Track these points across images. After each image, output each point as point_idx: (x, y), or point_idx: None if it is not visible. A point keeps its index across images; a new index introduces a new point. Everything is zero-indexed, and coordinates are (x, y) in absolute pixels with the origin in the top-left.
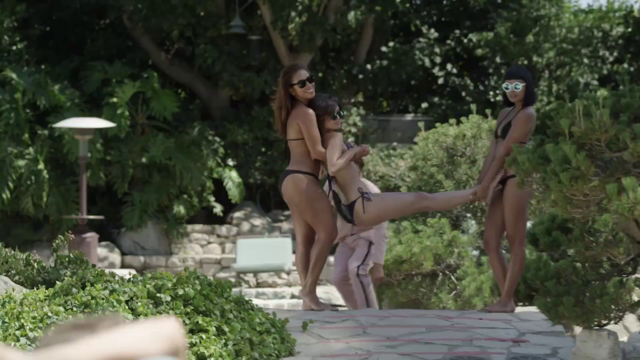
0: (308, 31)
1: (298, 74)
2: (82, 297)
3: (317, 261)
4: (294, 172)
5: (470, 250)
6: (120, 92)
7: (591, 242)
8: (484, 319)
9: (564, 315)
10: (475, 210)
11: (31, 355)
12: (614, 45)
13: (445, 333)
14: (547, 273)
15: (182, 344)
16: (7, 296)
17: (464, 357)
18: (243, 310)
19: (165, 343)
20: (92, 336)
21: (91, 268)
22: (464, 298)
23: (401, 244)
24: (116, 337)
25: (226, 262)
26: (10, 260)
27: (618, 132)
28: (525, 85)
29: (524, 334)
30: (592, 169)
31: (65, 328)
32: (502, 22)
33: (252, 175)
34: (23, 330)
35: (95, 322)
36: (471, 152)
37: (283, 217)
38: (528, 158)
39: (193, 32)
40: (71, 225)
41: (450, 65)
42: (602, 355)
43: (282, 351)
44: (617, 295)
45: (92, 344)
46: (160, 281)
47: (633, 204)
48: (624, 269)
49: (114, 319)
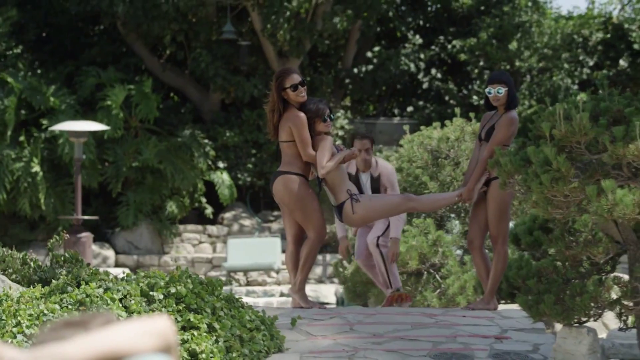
0: (297, 37)
1: (291, 78)
2: (77, 295)
3: (306, 260)
4: (284, 173)
5: (454, 249)
6: (114, 96)
7: (571, 242)
8: (467, 316)
9: (544, 312)
10: (459, 211)
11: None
12: (593, 50)
13: (429, 330)
14: (529, 272)
15: (174, 340)
16: (4, 294)
17: (448, 354)
18: (233, 308)
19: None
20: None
21: (86, 267)
22: (448, 296)
23: None
24: (110, 334)
25: (217, 261)
26: (7, 259)
27: (597, 135)
28: (508, 90)
29: (506, 331)
30: (572, 171)
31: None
32: (485, 28)
33: (242, 176)
34: (20, 327)
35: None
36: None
37: (272, 217)
38: (510, 160)
39: (185, 37)
40: (67, 225)
41: (435, 70)
42: (581, 351)
43: (271, 348)
44: (596, 293)
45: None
46: (153, 280)
47: (612, 205)
48: (603, 268)
49: (106, 317)
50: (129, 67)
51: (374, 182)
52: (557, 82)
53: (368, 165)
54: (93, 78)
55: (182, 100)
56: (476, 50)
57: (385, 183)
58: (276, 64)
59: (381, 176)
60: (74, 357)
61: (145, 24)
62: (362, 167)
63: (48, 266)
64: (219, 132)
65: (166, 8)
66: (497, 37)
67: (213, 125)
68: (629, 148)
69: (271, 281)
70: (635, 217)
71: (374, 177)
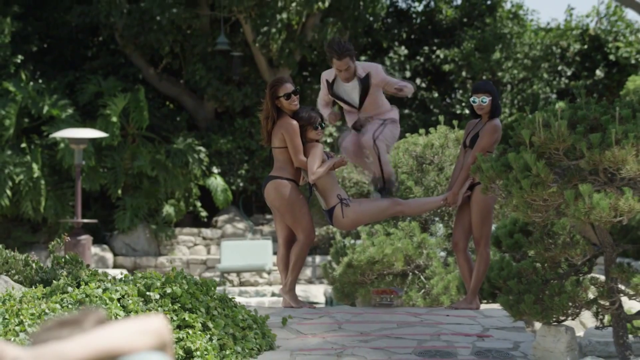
0: (287, 48)
1: (284, 87)
2: (77, 295)
3: (296, 261)
4: (276, 177)
5: (438, 251)
6: (113, 105)
7: (550, 244)
8: (450, 315)
9: (524, 312)
10: (443, 214)
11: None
12: (571, 61)
13: (414, 328)
14: (509, 273)
15: (169, 339)
16: (7, 294)
17: (432, 351)
18: (227, 308)
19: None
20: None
21: (85, 268)
22: (432, 296)
23: (374, 246)
24: (108, 333)
25: (211, 262)
26: (10, 260)
27: (575, 142)
28: (492, 99)
29: (487, 329)
30: (551, 176)
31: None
32: (467, 40)
33: (235, 182)
34: (22, 326)
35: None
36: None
37: (264, 221)
38: (492, 166)
39: (180, 48)
40: (67, 228)
41: (420, 80)
42: (560, 348)
43: (263, 345)
44: (574, 293)
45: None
46: (150, 280)
47: (589, 209)
48: (580, 269)
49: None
50: (127, 76)
51: (363, 82)
52: (537, 91)
53: (351, 76)
54: (93, 87)
55: (178, 108)
56: (459, 60)
57: (377, 81)
58: (267, 74)
59: (371, 76)
60: (74, 355)
61: (143, 36)
62: (344, 79)
63: (49, 267)
64: (213, 139)
65: (162, 20)
66: (479, 48)
67: (207, 132)
68: (605, 154)
69: (263, 282)
70: (611, 220)
71: (361, 78)
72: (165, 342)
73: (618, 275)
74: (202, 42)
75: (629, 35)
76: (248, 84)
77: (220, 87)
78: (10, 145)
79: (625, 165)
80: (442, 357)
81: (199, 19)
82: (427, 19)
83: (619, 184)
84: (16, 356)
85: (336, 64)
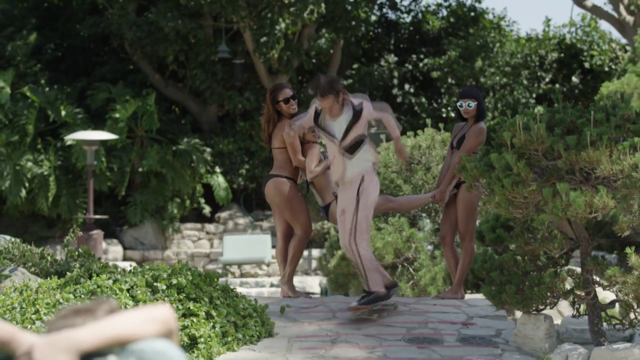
0: (285, 56)
1: (283, 92)
2: (89, 286)
3: (294, 254)
4: (275, 176)
5: (426, 245)
6: (123, 110)
7: (530, 239)
8: (437, 304)
9: (506, 301)
10: (430, 211)
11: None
12: (549, 68)
13: (403, 317)
14: (492, 265)
15: (175, 326)
16: (24, 285)
17: (420, 338)
18: (229, 297)
19: (160, 326)
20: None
21: (97, 261)
22: (420, 287)
23: None
24: (117, 321)
25: (214, 255)
26: (27, 254)
27: (553, 143)
28: (477, 104)
29: (472, 318)
30: (531, 175)
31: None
32: (452, 49)
33: (237, 180)
34: (38, 314)
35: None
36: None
37: (263, 216)
38: (476, 166)
39: (185, 56)
40: (80, 224)
41: (408, 86)
42: (539, 335)
43: (262, 333)
44: (552, 284)
45: (95, 328)
46: (157, 272)
47: (566, 206)
48: (558, 262)
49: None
50: (136, 83)
51: (355, 116)
52: (517, 96)
53: (337, 114)
54: (104, 93)
55: (183, 112)
56: (445, 68)
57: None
58: (267, 80)
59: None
60: (85, 341)
61: (150, 45)
62: (330, 116)
63: (63, 260)
64: (216, 141)
65: (168, 30)
66: (463, 57)
67: (210, 134)
68: (581, 155)
69: (262, 273)
70: (587, 217)
71: (356, 109)
72: (172, 330)
73: (593, 267)
74: (206, 51)
75: (602, 45)
76: (249, 90)
77: (221, 92)
78: (28, 146)
79: (600, 165)
80: (429, 343)
81: (202, 30)
82: (415, 29)
83: (594, 183)
84: (32, 343)
85: (319, 103)
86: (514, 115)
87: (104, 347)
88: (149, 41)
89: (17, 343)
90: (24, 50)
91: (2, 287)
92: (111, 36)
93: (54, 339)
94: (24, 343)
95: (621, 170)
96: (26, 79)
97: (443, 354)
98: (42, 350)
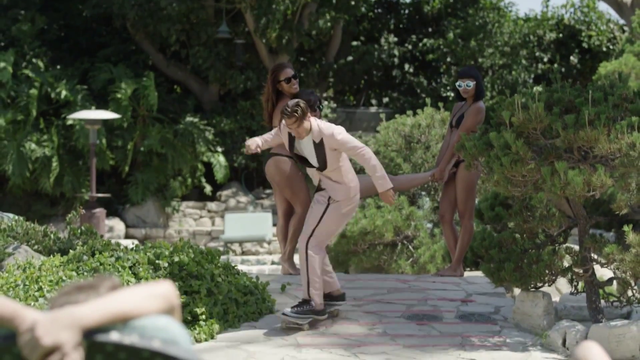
0: (286, 36)
1: (284, 71)
2: (92, 263)
3: (295, 232)
4: (276, 155)
5: (425, 223)
6: (123, 90)
7: (528, 217)
8: (436, 282)
9: (505, 278)
10: (430, 189)
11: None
12: (547, 48)
13: (403, 294)
14: (491, 243)
15: (177, 303)
16: (28, 263)
17: (419, 315)
18: (230, 275)
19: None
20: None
21: (99, 239)
22: (419, 264)
23: (365, 218)
24: (119, 297)
25: (215, 233)
26: (30, 232)
27: (551, 122)
28: (476, 83)
29: (471, 295)
30: (529, 154)
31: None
32: (451, 29)
33: (237, 159)
34: (41, 291)
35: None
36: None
37: (264, 195)
38: (475, 144)
39: (187, 36)
40: (83, 202)
41: (407, 66)
42: (537, 312)
43: (263, 310)
44: (550, 261)
45: (98, 304)
46: (159, 250)
47: (564, 184)
48: (556, 239)
49: (112, 280)
50: (138, 63)
51: (317, 147)
52: (516, 76)
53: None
54: (105, 74)
55: (185, 92)
56: (444, 48)
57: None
58: (268, 60)
59: (324, 141)
60: (88, 317)
61: (152, 25)
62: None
63: (66, 238)
64: (217, 120)
65: (170, 11)
66: (462, 37)
67: (212, 114)
68: (579, 134)
69: (263, 251)
70: (585, 195)
71: (316, 142)
72: (173, 306)
73: (591, 245)
74: (207, 31)
75: (600, 25)
76: (250, 69)
77: (223, 71)
78: (31, 126)
79: (598, 144)
80: (428, 320)
81: (204, 10)
82: (415, 9)
83: (592, 161)
84: (35, 319)
85: (284, 121)
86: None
87: (107, 323)
88: (150, 21)
89: (20, 320)
90: (28, 32)
91: (6, 265)
92: (113, 16)
93: (56, 316)
94: (26, 319)
95: (619, 149)
96: (29, 60)
97: (442, 331)
98: (45, 326)
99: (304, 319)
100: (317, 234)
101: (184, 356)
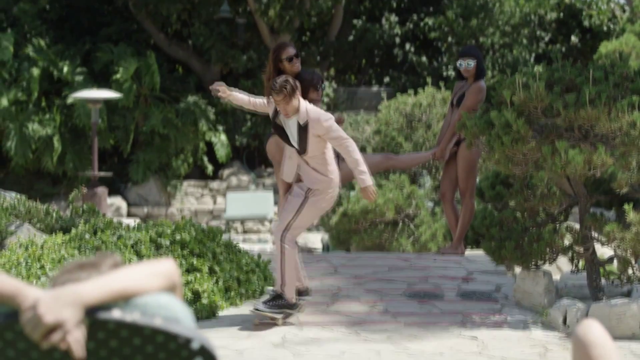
0: (287, 15)
1: (286, 50)
2: (94, 241)
3: None
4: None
5: (426, 202)
6: (125, 69)
7: (529, 195)
8: (437, 260)
9: (506, 257)
10: (431, 168)
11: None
12: (548, 28)
13: (404, 272)
14: (492, 221)
15: (179, 281)
16: (30, 241)
17: (420, 293)
18: (232, 253)
19: (165, 281)
20: (98, 275)
21: (101, 217)
22: (420, 242)
23: None
24: (122, 275)
25: (217, 212)
26: (32, 210)
27: (552, 101)
28: (477, 63)
29: (472, 273)
30: (530, 133)
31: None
32: (452, 8)
33: (239, 138)
34: (43, 270)
35: (98, 261)
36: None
37: (266, 174)
38: (475, 123)
39: (188, 16)
40: (85, 181)
41: (409, 45)
42: (538, 291)
43: (265, 288)
44: (551, 240)
45: (100, 281)
46: (161, 228)
47: (565, 163)
48: (557, 218)
49: (114, 258)
50: (140, 42)
51: (301, 130)
52: (517, 55)
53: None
54: (106, 54)
55: (187, 71)
56: (445, 27)
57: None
58: (269, 39)
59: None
60: (90, 295)
61: (153, 4)
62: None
63: (68, 216)
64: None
65: None
66: (463, 16)
67: None
68: (580, 113)
69: (265, 229)
70: (585, 174)
71: (301, 124)
72: (175, 284)
73: (591, 223)
74: (209, 10)
75: (601, 5)
76: (252, 49)
77: (226, 51)
78: (33, 105)
79: (598, 122)
80: (430, 298)
81: None
82: None
83: (592, 140)
84: (37, 297)
85: (273, 96)
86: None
87: (109, 301)
88: (152, 0)
89: (23, 297)
90: (29, 11)
91: (8, 243)
92: None
93: (58, 293)
94: (29, 297)
95: (619, 128)
96: (29, 39)
97: (443, 309)
98: (47, 304)
99: (278, 312)
100: (293, 227)
101: (185, 334)
